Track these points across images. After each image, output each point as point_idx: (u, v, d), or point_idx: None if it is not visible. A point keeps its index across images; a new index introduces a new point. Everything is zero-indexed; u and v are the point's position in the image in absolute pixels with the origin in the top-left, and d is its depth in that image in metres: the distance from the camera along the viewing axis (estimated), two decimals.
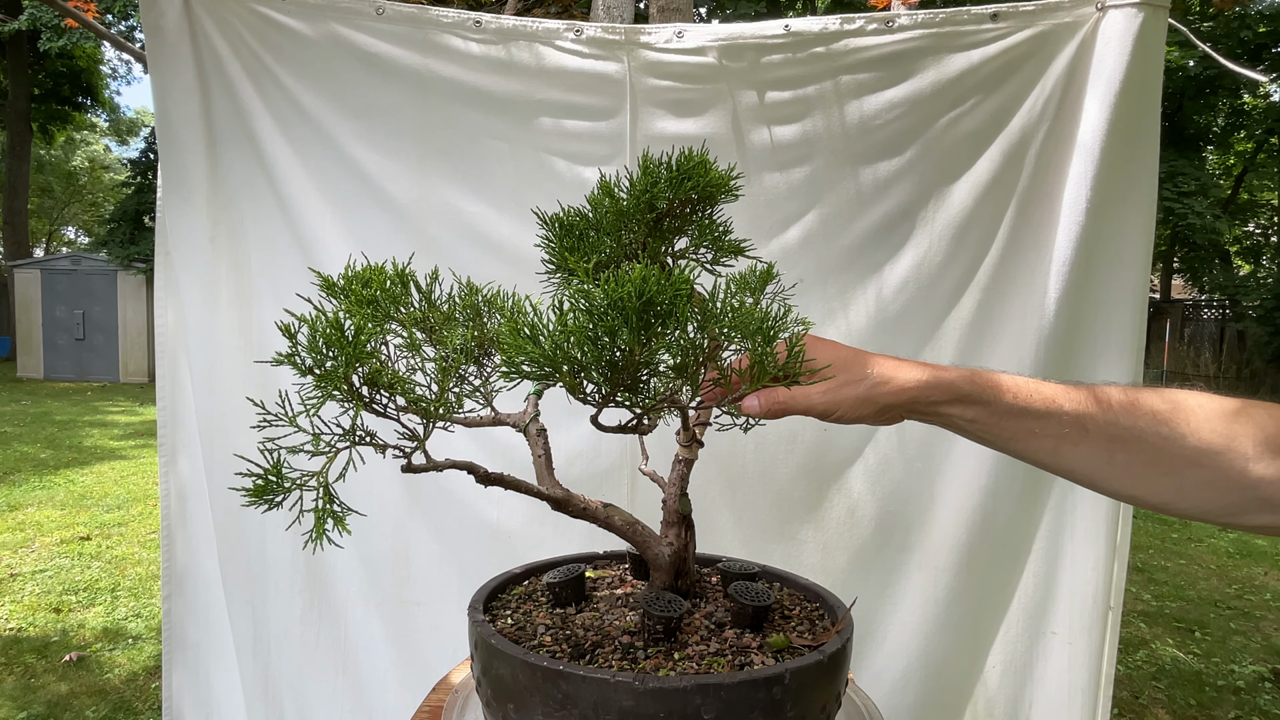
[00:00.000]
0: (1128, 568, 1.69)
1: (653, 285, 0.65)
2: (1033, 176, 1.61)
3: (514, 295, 0.83)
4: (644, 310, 0.65)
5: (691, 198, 0.85)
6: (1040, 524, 1.69)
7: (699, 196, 0.85)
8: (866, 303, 1.68)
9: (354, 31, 1.61)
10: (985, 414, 0.80)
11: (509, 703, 0.78)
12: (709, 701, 0.69)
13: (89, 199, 31.35)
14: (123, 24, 14.44)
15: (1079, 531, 1.67)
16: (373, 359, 0.72)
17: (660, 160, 0.85)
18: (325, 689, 1.79)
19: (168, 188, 1.64)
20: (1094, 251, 1.56)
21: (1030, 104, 1.59)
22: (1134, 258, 1.59)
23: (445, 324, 0.85)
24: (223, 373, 1.67)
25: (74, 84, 21.70)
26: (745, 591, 0.88)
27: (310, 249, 1.66)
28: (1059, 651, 1.70)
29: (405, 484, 1.73)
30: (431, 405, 0.74)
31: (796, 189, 1.67)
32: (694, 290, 0.70)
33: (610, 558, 1.13)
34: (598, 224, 0.88)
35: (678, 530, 0.93)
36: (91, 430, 9.26)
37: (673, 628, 0.83)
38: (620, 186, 0.87)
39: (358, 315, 0.73)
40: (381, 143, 1.66)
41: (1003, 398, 0.79)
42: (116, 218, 16.47)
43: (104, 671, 3.49)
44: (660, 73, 1.63)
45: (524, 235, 1.58)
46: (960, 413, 0.80)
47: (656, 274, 0.65)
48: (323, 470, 0.71)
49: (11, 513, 5.83)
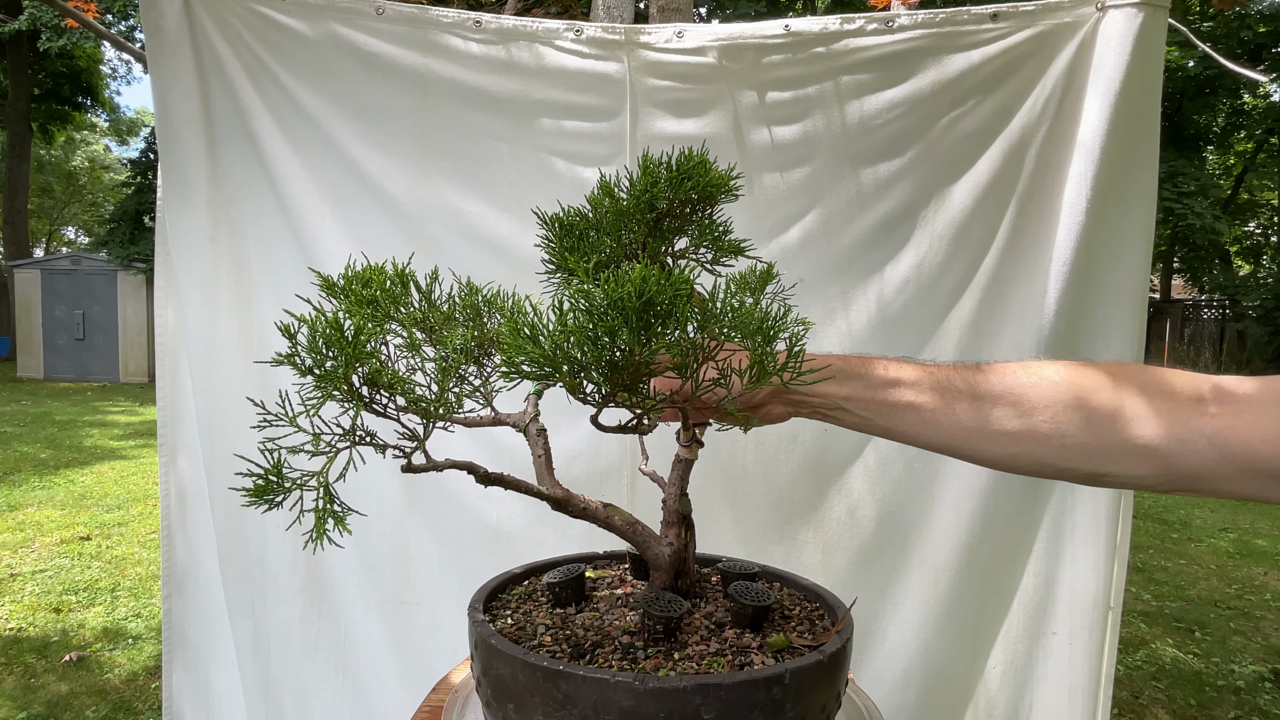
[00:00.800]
0: (1128, 568, 1.69)
1: (653, 285, 0.64)
2: (1033, 176, 1.61)
3: (514, 295, 0.82)
4: (644, 310, 0.65)
5: (691, 198, 0.85)
6: (1040, 524, 1.69)
7: (699, 196, 0.85)
8: (867, 303, 1.68)
9: (354, 31, 1.61)
10: (860, 388, 0.83)
11: (509, 703, 0.79)
12: (709, 701, 0.69)
13: (89, 199, 31.35)
14: (123, 24, 14.44)
15: (1079, 531, 1.67)
16: (372, 359, 0.72)
17: (660, 160, 0.85)
18: (325, 689, 1.79)
19: (168, 188, 1.64)
20: (1094, 251, 1.56)
21: (1030, 104, 1.59)
22: (1134, 258, 1.59)
23: (445, 324, 0.85)
24: (223, 373, 1.67)
25: (74, 84, 21.70)
26: (745, 591, 0.88)
27: (310, 249, 1.66)
28: (1059, 651, 1.70)
29: (405, 485, 1.73)
30: (431, 405, 0.73)
31: (797, 189, 1.67)
32: (694, 290, 0.70)
33: (610, 558, 1.13)
34: (598, 224, 0.88)
35: (678, 530, 0.93)
36: (91, 430, 9.26)
37: (673, 628, 0.83)
38: (620, 186, 0.87)
39: (357, 315, 0.73)
40: (381, 143, 1.66)
41: (874, 370, 0.83)
42: (116, 218, 16.48)
43: (104, 671, 3.49)
44: (660, 73, 1.63)
45: (524, 235, 1.58)
46: (835, 390, 0.83)
47: (656, 274, 0.65)
48: (323, 470, 0.71)
49: (11, 513, 5.83)
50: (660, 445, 1.11)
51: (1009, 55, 1.57)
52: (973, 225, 1.64)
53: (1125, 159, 1.53)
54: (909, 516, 1.71)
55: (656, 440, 1.03)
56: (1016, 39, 1.56)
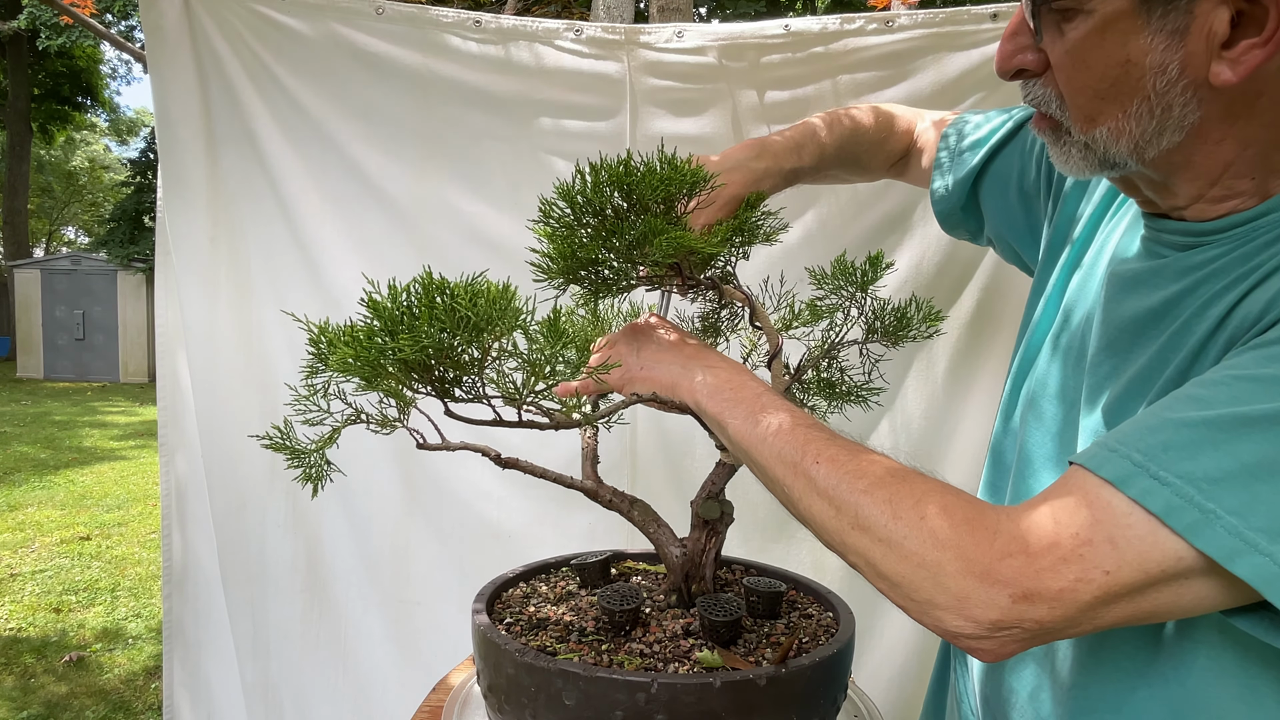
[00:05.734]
0: None
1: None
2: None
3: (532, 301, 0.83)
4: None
5: (648, 205, 0.84)
6: None
7: (635, 201, 0.83)
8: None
9: (354, 31, 1.61)
10: (727, 375, 0.85)
11: (511, 701, 0.79)
12: (570, 687, 0.75)
13: (89, 199, 31.34)
14: (123, 24, 14.44)
15: None
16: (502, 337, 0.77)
17: (598, 165, 0.83)
18: (325, 689, 1.79)
19: (168, 188, 1.64)
20: None
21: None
22: None
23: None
24: (223, 372, 1.67)
25: (74, 84, 21.70)
26: (713, 605, 0.88)
27: (310, 248, 1.66)
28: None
29: (405, 485, 1.73)
30: (524, 384, 0.77)
31: (796, 189, 1.66)
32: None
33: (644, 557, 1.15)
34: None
35: (697, 534, 0.93)
36: (91, 430, 9.26)
37: (620, 622, 0.86)
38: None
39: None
40: (381, 143, 1.66)
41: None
42: (116, 218, 16.48)
43: (103, 672, 3.49)
44: (660, 72, 1.63)
45: (524, 235, 1.58)
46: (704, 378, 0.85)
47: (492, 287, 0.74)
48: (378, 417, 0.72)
49: (11, 513, 5.83)
50: (661, 445, 1.11)
51: None
52: None
53: None
54: None
55: (660, 443, 1.03)
56: None
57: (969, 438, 1.66)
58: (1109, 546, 0.57)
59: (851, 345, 1.05)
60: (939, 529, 0.63)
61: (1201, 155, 0.67)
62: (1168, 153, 0.67)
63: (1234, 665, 0.66)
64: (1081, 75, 0.67)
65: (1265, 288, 0.63)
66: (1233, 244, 0.68)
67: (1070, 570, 0.58)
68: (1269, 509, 0.54)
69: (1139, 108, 0.65)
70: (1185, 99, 0.64)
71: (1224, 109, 0.64)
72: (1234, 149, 0.66)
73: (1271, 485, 0.55)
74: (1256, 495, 0.55)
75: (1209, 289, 0.68)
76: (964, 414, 1.67)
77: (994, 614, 0.60)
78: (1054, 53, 0.68)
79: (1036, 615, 0.59)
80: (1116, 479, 0.59)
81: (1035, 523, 0.61)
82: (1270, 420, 0.55)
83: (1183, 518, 0.56)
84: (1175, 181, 0.70)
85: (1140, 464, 0.58)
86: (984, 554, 0.61)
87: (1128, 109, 0.66)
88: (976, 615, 0.61)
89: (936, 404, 1.68)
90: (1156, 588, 0.58)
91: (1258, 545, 0.54)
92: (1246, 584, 0.54)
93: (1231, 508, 0.55)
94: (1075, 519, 0.59)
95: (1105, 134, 0.68)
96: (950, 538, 0.62)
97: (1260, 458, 0.55)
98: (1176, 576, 0.57)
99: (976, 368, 1.66)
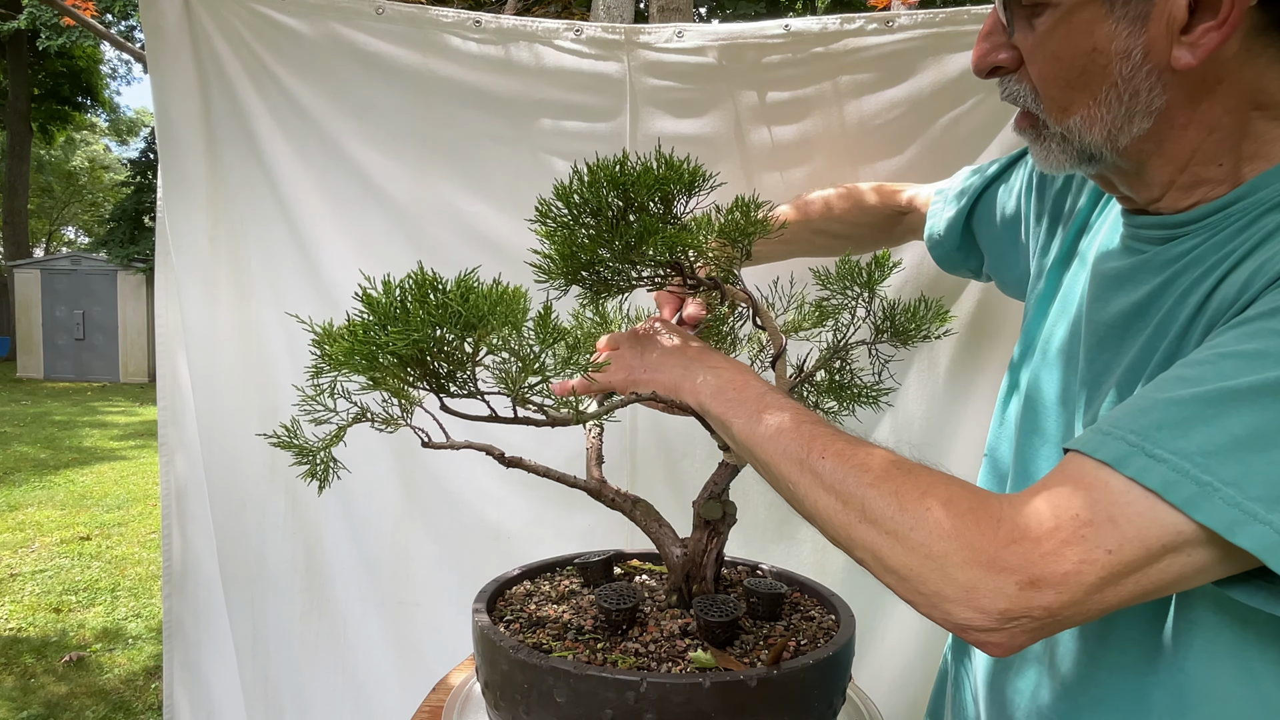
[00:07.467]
0: None
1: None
2: None
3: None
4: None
5: (645, 204, 0.84)
6: None
7: (630, 199, 0.83)
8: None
9: (354, 31, 1.61)
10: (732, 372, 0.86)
11: (505, 698, 0.79)
12: (560, 685, 0.75)
13: (89, 199, 31.33)
14: (123, 24, 14.45)
15: None
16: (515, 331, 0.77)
17: (595, 165, 0.84)
18: (325, 689, 1.79)
19: (168, 188, 1.64)
20: None
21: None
22: None
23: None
24: (222, 372, 1.67)
25: (74, 84, 21.70)
26: (710, 606, 0.88)
27: (310, 248, 1.66)
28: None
29: (405, 485, 1.73)
30: (520, 377, 0.77)
31: (797, 189, 1.66)
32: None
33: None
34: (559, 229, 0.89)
35: (698, 535, 0.93)
36: (91, 430, 9.26)
37: (617, 621, 0.86)
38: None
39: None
40: (381, 143, 1.66)
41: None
42: (116, 218, 16.49)
43: (103, 672, 3.50)
44: (660, 73, 1.63)
45: (523, 235, 1.58)
46: (705, 377, 0.86)
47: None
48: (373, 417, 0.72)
49: (11, 513, 5.83)
50: (658, 446, 1.11)
51: None
52: None
53: None
54: None
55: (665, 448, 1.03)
56: None
57: (970, 437, 1.66)
58: (1110, 526, 0.58)
59: (861, 345, 1.05)
60: (944, 520, 0.63)
61: (1170, 140, 0.69)
62: (1139, 140, 0.70)
63: (1231, 646, 0.67)
64: (1052, 66, 0.70)
65: (1240, 270, 0.65)
66: (1207, 233, 0.70)
67: (1074, 552, 0.59)
68: (1264, 478, 0.56)
69: (1108, 94, 0.68)
70: (1150, 84, 0.66)
71: (1187, 93, 0.67)
72: (1199, 134, 0.68)
73: (1265, 455, 0.56)
74: (1251, 466, 0.56)
75: (1188, 278, 0.69)
76: (965, 414, 1.67)
77: (1002, 603, 0.61)
78: (1026, 47, 0.72)
79: (1044, 601, 0.60)
80: (1113, 460, 0.60)
81: (1036, 508, 0.61)
82: (1256, 392, 0.57)
83: (1181, 492, 0.57)
84: (1148, 169, 0.72)
85: (1135, 444, 0.59)
86: (989, 543, 0.61)
87: (1097, 96, 0.68)
88: (985, 605, 0.61)
89: (938, 404, 1.69)
90: (1158, 563, 0.59)
91: (1256, 514, 0.55)
92: (1246, 553, 0.56)
93: (1228, 479, 0.56)
94: (1075, 502, 0.60)
95: (1079, 122, 0.70)
96: (956, 528, 0.63)
97: (1250, 429, 0.57)
98: (1177, 550, 0.58)
99: (978, 368, 1.66)
